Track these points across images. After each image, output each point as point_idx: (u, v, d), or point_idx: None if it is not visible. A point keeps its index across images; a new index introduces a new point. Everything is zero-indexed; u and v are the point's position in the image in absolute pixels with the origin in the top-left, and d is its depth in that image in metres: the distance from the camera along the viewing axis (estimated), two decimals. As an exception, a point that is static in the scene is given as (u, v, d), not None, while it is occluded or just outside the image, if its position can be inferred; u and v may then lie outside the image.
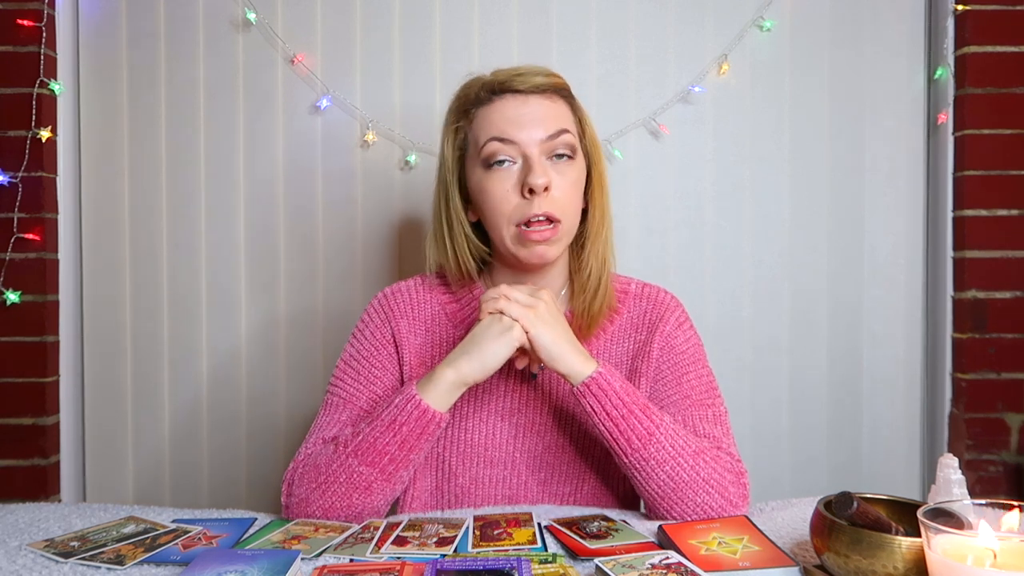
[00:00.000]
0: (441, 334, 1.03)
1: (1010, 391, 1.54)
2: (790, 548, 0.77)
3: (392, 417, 0.88)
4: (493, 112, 0.95)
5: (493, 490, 1.02)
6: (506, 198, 0.93)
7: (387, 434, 0.87)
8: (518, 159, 0.94)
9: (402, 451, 0.87)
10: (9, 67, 1.48)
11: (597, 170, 1.01)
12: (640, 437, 0.87)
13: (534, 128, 0.93)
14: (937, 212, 1.61)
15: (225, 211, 1.58)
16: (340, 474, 0.88)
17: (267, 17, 1.56)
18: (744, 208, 1.61)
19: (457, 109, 1.00)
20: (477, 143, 0.95)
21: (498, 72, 0.97)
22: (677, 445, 0.88)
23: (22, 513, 0.90)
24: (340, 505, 0.88)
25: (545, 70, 0.97)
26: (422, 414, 0.87)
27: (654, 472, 0.87)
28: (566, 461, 1.02)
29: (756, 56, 1.60)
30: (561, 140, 0.94)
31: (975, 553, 0.57)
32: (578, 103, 1.01)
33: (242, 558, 0.71)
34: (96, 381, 1.59)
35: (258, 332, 1.59)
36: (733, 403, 1.60)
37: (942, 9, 1.57)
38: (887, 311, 1.62)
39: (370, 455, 0.87)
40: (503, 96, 0.95)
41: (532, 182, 0.91)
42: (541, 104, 0.95)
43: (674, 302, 1.06)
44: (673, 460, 0.87)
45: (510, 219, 0.94)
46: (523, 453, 1.01)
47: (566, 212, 0.94)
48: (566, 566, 0.71)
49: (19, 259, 1.49)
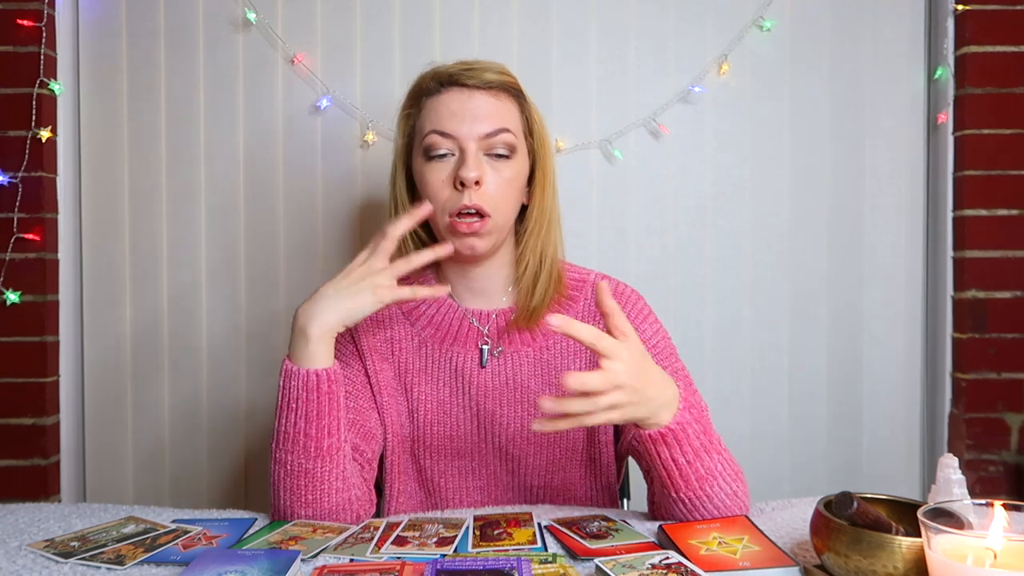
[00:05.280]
0: (398, 329, 1.04)
1: (1010, 391, 1.54)
2: (790, 548, 0.77)
3: (284, 398, 0.87)
4: (439, 103, 0.97)
5: (465, 482, 1.02)
6: (441, 189, 0.96)
7: (290, 416, 0.86)
8: (455, 152, 0.96)
9: (310, 423, 0.86)
10: (9, 67, 1.48)
11: (542, 170, 1.02)
12: (699, 478, 0.84)
13: (474, 123, 0.95)
14: (937, 212, 1.60)
15: (225, 211, 1.58)
16: (279, 472, 0.88)
17: (267, 17, 1.55)
18: (744, 208, 1.61)
19: (409, 96, 1.03)
20: (421, 132, 0.98)
21: (455, 63, 0.99)
22: (728, 476, 0.86)
23: (22, 513, 0.90)
24: (299, 502, 0.87)
25: (497, 67, 0.99)
26: (306, 380, 0.86)
27: (702, 506, 0.85)
28: (532, 453, 1.02)
29: (756, 56, 1.59)
30: (500, 139, 0.96)
31: (975, 553, 0.57)
32: (528, 103, 1.03)
33: (242, 558, 0.71)
34: (96, 381, 1.59)
35: (258, 332, 1.59)
36: (733, 403, 1.61)
37: (942, 9, 1.57)
38: (887, 311, 1.62)
39: (288, 442, 0.87)
40: (450, 89, 0.97)
41: (463, 175, 0.93)
42: (486, 100, 0.96)
43: (635, 294, 1.07)
44: (723, 491, 0.85)
45: (443, 209, 0.96)
46: (488, 444, 1.02)
47: (497, 207, 0.96)
48: (566, 566, 0.71)
49: (19, 259, 1.49)
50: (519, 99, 1.01)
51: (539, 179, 1.02)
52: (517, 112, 1.00)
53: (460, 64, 0.98)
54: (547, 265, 1.01)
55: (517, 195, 1.00)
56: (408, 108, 1.02)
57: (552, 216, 1.03)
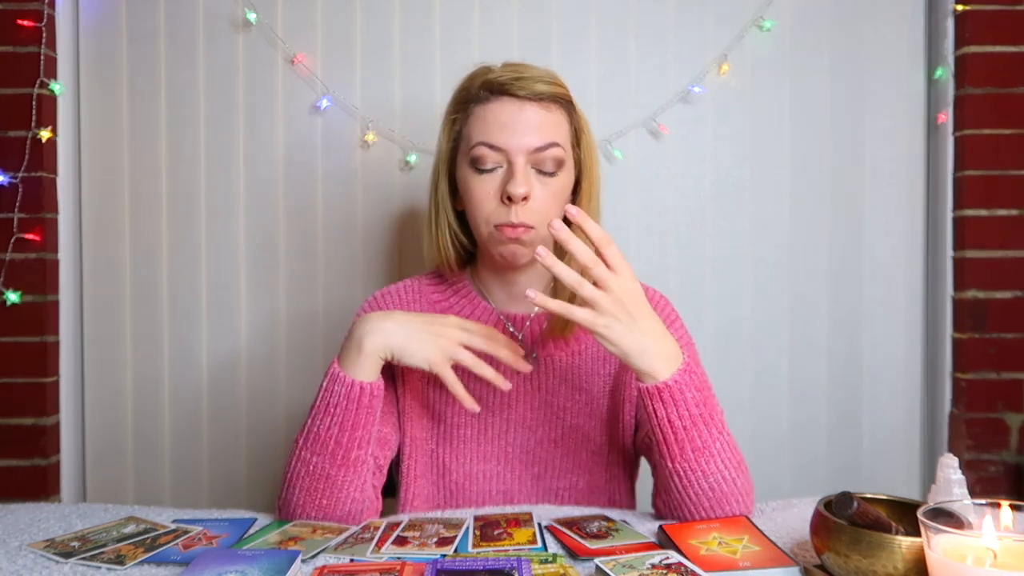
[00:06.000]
0: None
1: (1010, 391, 1.54)
2: (790, 548, 0.77)
3: (324, 400, 0.87)
4: (488, 113, 0.95)
5: (488, 486, 1.02)
6: (486, 200, 0.94)
7: (325, 419, 0.86)
8: (503, 164, 0.94)
9: (343, 432, 0.86)
10: (9, 67, 1.48)
11: (588, 180, 1.01)
12: (695, 449, 0.84)
13: (524, 136, 0.93)
14: (937, 212, 1.61)
15: (225, 211, 1.58)
16: (300, 469, 0.87)
17: (267, 17, 1.55)
18: (744, 208, 1.61)
19: (456, 100, 1.00)
20: (469, 141, 0.96)
21: (504, 68, 0.97)
22: (726, 458, 0.85)
23: (22, 513, 0.90)
24: (312, 503, 0.87)
25: (548, 76, 0.97)
26: (349, 389, 0.86)
27: (697, 482, 0.85)
28: (559, 456, 1.02)
29: (756, 56, 1.59)
30: (549, 154, 0.94)
31: (975, 553, 0.57)
32: (578, 112, 1.01)
33: (242, 558, 0.71)
34: (96, 381, 1.59)
35: (258, 332, 1.59)
36: (733, 403, 1.61)
37: (942, 9, 1.57)
38: (887, 311, 1.62)
39: (317, 444, 0.86)
40: (500, 98, 0.94)
41: (511, 191, 0.91)
42: (536, 112, 0.94)
43: (663, 300, 1.06)
44: (719, 472, 0.85)
45: (487, 220, 0.95)
46: (515, 448, 1.02)
47: (542, 221, 0.94)
48: (566, 566, 0.71)
49: (19, 259, 1.49)
50: (569, 109, 0.99)
51: (585, 189, 1.01)
52: (567, 123, 0.98)
53: (510, 70, 0.95)
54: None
55: (562, 206, 0.97)
56: (454, 113, 1.00)
57: None
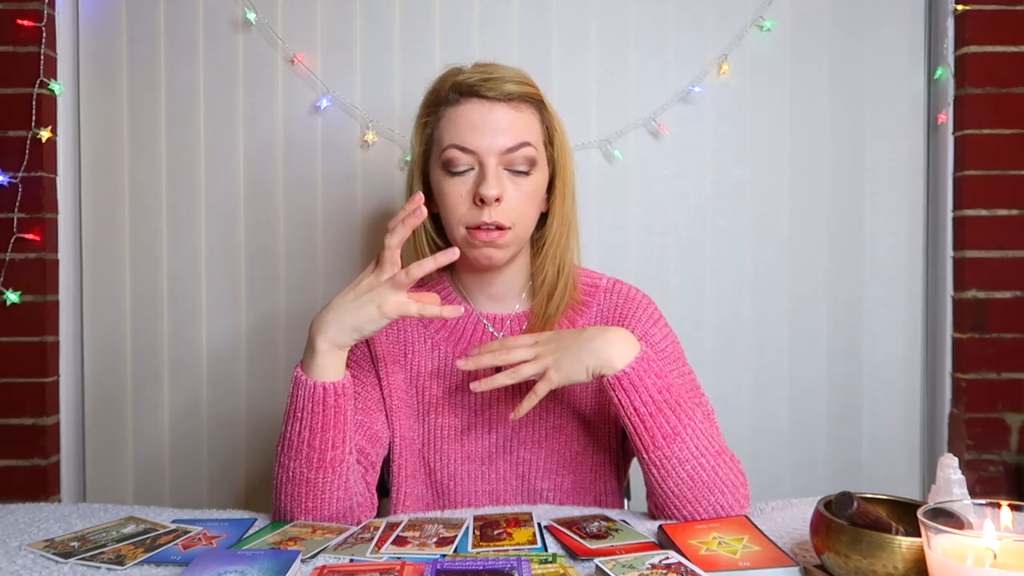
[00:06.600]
0: (411, 332, 1.04)
1: (1010, 391, 1.54)
2: (790, 548, 0.77)
3: (292, 407, 0.87)
4: (458, 115, 0.94)
5: (473, 486, 1.02)
6: (459, 203, 0.94)
7: (295, 425, 0.86)
8: (475, 166, 0.94)
9: (314, 435, 0.85)
10: (9, 67, 1.48)
11: (562, 178, 1.01)
12: (666, 436, 0.86)
13: (495, 137, 0.93)
14: (937, 212, 1.60)
15: (225, 211, 1.58)
16: (282, 476, 0.88)
17: (267, 17, 1.55)
18: (744, 208, 1.61)
19: (427, 103, 1.00)
20: (440, 144, 0.96)
21: (473, 69, 0.96)
22: (701, 445, 0.87)
23: (22, 513, 0.90)
24: (300, 508, 0.87)
25: (518, 75, 0.96)
26: (312, 392, 0.85)
27: (674, 471, 0.86)
28: (543, 457, 1.02)
29: (756, 56, 1.59)
30: (520, 154, 0.94)
31: (975, 553, 0.57)
32: (549, 111, 1.00)
33: (242, 558, 0.71)
34: (96, 381, 1.59)
35: (258, 332, 1.59)
36: (733, 403, 1.61)
37: (942, 9, 1.57)
38: (887, 311, 1.62)
39: (292, 450, 0.86)
40: (470, 100, 0.94)
41: (483, 192, 0.91)
42: (506, 113, 0.94)
43: (646, 299, 1.06)
44: (695, 460, 0.86)
45: (460, 222, 0.95)
46: (498, 448, 1.02)
47: (516, 220, 0.94)
48: (566, 566, 0.71)
49: (19, 259, 1.49)
50: (540, 108, 0.99)
51: (559, 188, 1.01)
52: (538, 123, 0.98)
53: (479, 71, 0.95)
54: (564, 273, 1.01)
55: (537, 206, 0.99)
56: (425, 116, 0.99)
57: (571, 224, 1.02)
